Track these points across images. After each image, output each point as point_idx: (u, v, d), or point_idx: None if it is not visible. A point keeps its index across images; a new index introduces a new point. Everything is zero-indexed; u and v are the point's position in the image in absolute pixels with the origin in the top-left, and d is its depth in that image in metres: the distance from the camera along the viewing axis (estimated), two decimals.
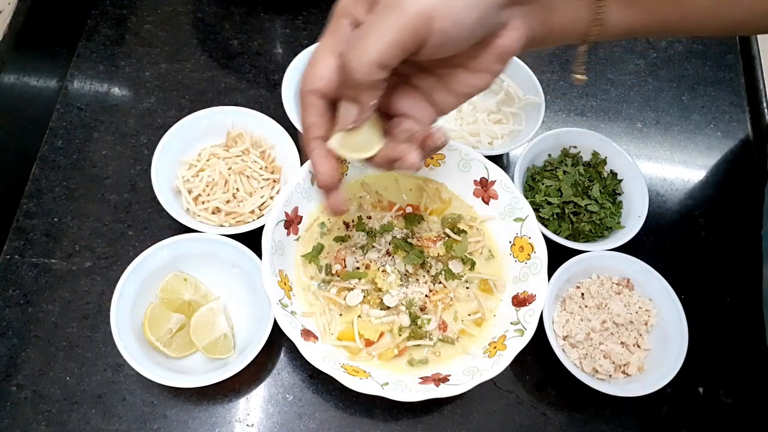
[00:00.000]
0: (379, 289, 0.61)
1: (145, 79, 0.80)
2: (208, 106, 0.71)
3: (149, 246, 0.62)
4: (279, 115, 0.72)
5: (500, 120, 0.78)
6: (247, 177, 0.70)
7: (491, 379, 0.55)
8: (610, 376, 0.63)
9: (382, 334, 0.61)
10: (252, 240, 0.63)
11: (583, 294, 0.67)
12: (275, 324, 0.58)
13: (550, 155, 0.75)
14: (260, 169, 0.70)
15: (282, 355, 0.65)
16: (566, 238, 0.69)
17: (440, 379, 0.57)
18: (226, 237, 0.63)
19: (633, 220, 0.70)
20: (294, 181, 0.63)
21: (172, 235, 0.63)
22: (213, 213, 0.68)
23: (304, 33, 0.85)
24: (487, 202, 0.66)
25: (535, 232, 0.62)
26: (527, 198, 0.68)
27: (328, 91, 0.44)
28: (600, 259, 0.68)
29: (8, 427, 0.60)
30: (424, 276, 0.63)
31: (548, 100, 0.76)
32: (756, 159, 0.84)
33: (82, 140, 0.75)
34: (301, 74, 0.45)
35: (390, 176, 0.68)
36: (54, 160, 0.73)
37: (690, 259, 0.76)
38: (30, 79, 0.73)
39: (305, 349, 0.55)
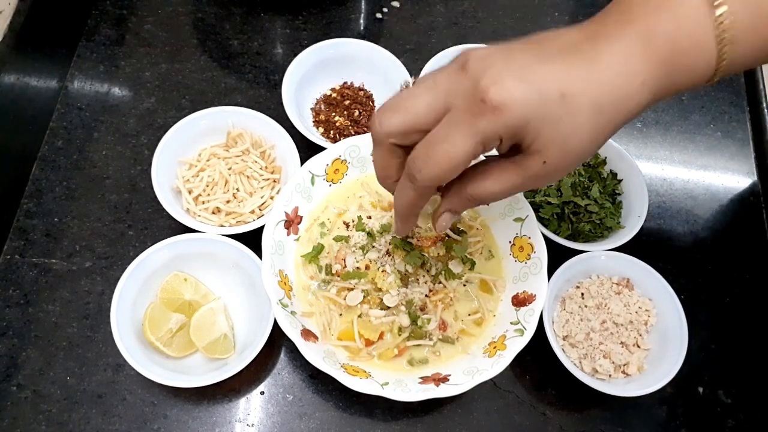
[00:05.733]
0: (379, 289, 0.61)
1: (145, 79, 0.80)
2: (208, 107, 0.71)
3: (149, 246, 0.63)
4: (279, 115, 0.72)
5: None
6: (248, 177, 0.70)
7: (491, 379, 0.55)
8: (610, 376, 0.63)
9: (382, 334, 0.61)
10: (252, 240, 0.63)
11: (582, 294, 0.67)
12: (275, 324, 0.58)
13: None
14: (260, 169, 0.70)
15: (282, 355, 0.65)
16: (566, 238, 0.69)
17: (440, 379, 0.57)
18: (226, 237, 0.63)
19: (633, 220, 0.70)
20: (294, 181, 0.63)
21: (172, 235, 0.63)
22: (213, 213, 0.68)
23: (304, 33, 0.85)
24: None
25: (535, 232, 0.62)
26: (527, 198, 0.67)
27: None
28: (600, 259, 0.68)
29: (8, 427, 0.60)
30: (423, 276, 0.63)
31: None
32: (755, 158, 0.84)
33: (82, 140, 0.75)
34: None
35: None
36: (54, 160, 0.73)
37: (690, 259, 0.76)
38: (30, 79, 0.73)
39: (305, 349, 0.55)
